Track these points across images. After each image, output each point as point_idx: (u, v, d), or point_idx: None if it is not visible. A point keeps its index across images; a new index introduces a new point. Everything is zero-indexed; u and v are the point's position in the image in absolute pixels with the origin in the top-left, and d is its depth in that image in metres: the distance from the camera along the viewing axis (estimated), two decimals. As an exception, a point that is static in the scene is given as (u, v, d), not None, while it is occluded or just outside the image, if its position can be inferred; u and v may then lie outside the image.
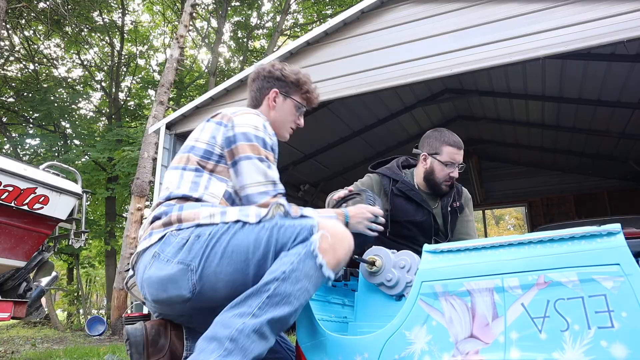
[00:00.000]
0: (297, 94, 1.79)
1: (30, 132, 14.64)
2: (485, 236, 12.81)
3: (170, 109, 11.72)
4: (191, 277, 1.30)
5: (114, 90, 15.80)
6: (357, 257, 1.54)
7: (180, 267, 1.31)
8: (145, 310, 5.51)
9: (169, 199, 1.47)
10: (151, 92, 16.07)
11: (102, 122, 16.23)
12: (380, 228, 1.65)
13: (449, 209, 2.40)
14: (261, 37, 17.82)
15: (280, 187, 1.52)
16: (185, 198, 1.45)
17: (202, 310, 1.38)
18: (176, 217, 1.40)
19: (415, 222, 2.35)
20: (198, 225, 1.36)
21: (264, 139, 1.53)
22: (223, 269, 1.30)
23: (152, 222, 1.44)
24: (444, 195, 2.41)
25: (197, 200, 1.45)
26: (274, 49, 14.66)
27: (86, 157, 13.21)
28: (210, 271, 1.30)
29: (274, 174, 1.52)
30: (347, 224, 1.58)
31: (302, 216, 1.40)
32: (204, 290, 1.31)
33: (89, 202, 13.08)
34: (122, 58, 16.00)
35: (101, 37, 15.68)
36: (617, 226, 1.04)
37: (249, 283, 1.28)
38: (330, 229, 1.32)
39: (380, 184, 2.40)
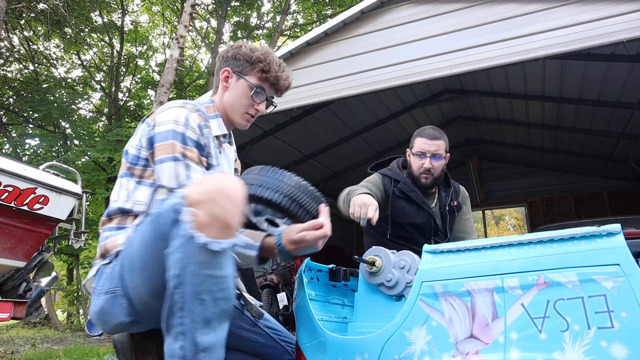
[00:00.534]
0: (252, 74, 1.56)
1: (30, 132, 14.64)
2: (485, 236, 12.81)
3: (170, 109, 11.69)
4: (121, 302, 1.27)
5: (113, 90, 15.81)
6: (357, 257, 1.54)
7: (109, 296, 1.28)
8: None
9: (109, 215, 1.41)
10: (151, 92, 16.07)
11: (102, 123, 16.24)
12: (327, 234, 1.35)
13: (447, 208, 2.40)
14: (261, 38, 17.82)
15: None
16: (121, 211, 1.39)
17: (159, 314, 1.32)
18: (103, 249, 1.37)
19: (415, 224, 2.34)
20: (118, 253, 1.32)
21: (183, 134, 1.37)
22: (137, 282, 1.24)
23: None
24: (426, 189, 2.39)
25: (129, 211, 1.38)
26: (274, 49, 14.67)
27: (86, 157, 13.21)
28: (131, 289, 1.25)
29: (191, 175, 1.34)
30: (287, 255, 1.37)
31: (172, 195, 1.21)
32: (139, 309, 1.27)
33: (88, 203, 13.06)
34: (122, 58, 16.01)
35: (101, 38, 15.69)
36: (617, 226, 1.04)
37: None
38: (199, 193, 1.10)
39: (382, 184, 2.37)
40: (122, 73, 16.22)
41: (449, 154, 2.40)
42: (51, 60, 15.42)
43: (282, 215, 1.40)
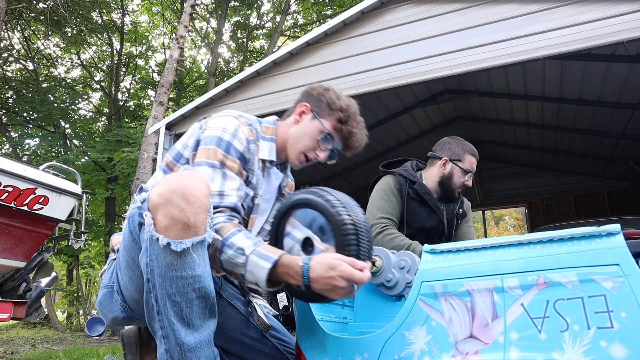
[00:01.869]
0: (329, 119, 1.51)
1: (30, 132, 14.64)
2: (485, 237, 12.81)
3: (170, 109, 11.72)
4: (117, 298, 1.29)
5: (113, 90, 15.81)
6: None
7: (107, 290, 1.32)
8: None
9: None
10: (150, 92, 16.07)
11: (102, 123, 16.24)
12: (361, 281, 1.15)
13: (454, 215, 2.41)
14: (260, 38, 17.82)
15: (228, 201, 1.31)
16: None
17: None
18: (111, 245, 1.42)
19: (424, 228, 2.31)
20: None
21: (229, 142, 1.35)
22: (126, 280, 1.26)
23: None
24: (451, 202, 2.40)
25: None
26: (274, 50, 14.67)
27: (86, 157, 13.21)
28: (123, 286, 1.27)
29: (226, 183, 1.31)
30: (306, 286, 1.17)
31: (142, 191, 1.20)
32: (132, 306, 1.28)
33: (88, 203, 13.07)
34: (122, 58, 16.01)
35: (100, 37, 15.69)
36: (616, 227, 1.04)
37: None
38: (156, 196, 1.09)
39: (398, 184, 2.32)
40: (122, 73, 16.22)
41: None
42: (51, 60, 15.42)
43: (329, 240, 1.30)
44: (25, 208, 3.39)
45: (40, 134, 14.07)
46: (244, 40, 17.19)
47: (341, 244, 1.24)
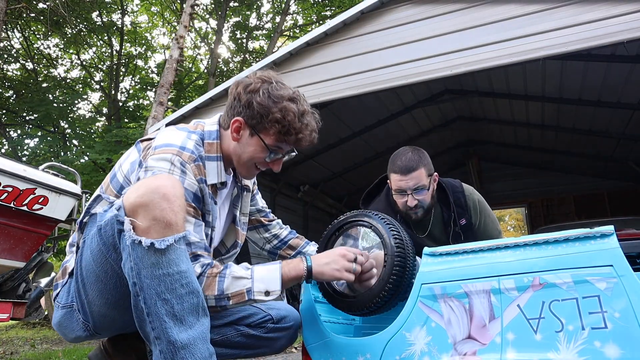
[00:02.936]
0: (269, 135, 1.34)
1: (29, 132, 14.66)
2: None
3: (169, 109, 11.74)
4: (78, 317, 1.29)
5: (113, 91, 15.83)
6: None
7: (65, 310, 1.30)
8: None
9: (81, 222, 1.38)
10: (150, 93, 16.09)
11: (101, 123, 16.26)
12: (358, 269, 1.31)
13: (457, 227, 2.16)
14: (260, 38, 17.84)
15: (202, 244, 1.28)
16: None
17: (120, 322, 1.32)
18: (62, 270, 1.39)
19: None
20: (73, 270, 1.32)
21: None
22: (93, 295, 1.24)
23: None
24: (444, 215, 2.16)
25: None
26: (274, 50, 14.68)
27: (85, 157, 13.22)
28: (87, 303, 1.26)
29: (193, 230, 1.26)
30: (310, 271, 1.28)
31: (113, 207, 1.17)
32: (98, 321, 1.28)
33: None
34: (122, 58, 16.03)
35: (100, 38, 15.71)
36: (610, 228, 1.06)
37: (124, 293, 1.17)
38: (134, 199, 1.09)
39: None
40: (121, 73, 16.25)
41: (435, 174, 2.12)
42: (50, 60, 15.44)
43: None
44: (24, 208, 3.39)
45: (39, 134, 14.08)
46: (244, 40, 17.21)
47: (390, 264, 1.32)
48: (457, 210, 2.16)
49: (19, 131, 14.81)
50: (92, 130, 15.02)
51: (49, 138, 13.65)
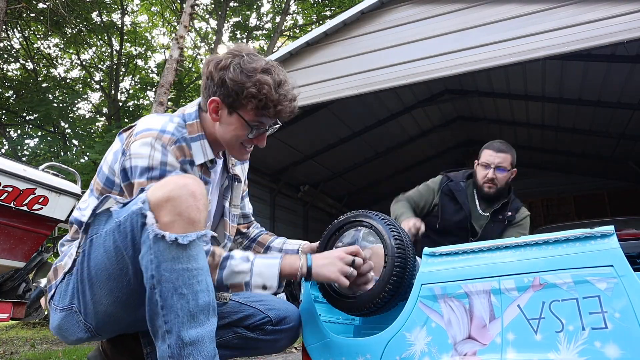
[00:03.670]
0: (247, 111, 1.32)
1: (30, 132, 14.66)
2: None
3: (169, 109, 11.72)
4: (78, 319, 1.27)
5: (113, 91, 15.83)
6: None
7: (65, 313, 1.28)
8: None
9: (72, 223, 1.39)
10: (150, 93, 16.10)
11: (101, 123, 16.26)
12: (354, 273, 1.31)
13: (500, 217, 2.53)
14: (260, 38, 17.84)
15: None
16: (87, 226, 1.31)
17: (125, 322, 1.30)
18: (54, 271, 1.36)
19: (451, 221, 2.50)
20: (71, 269, 1.29)
21: (163, 170, 1.27)
22: (100, 295, 1.22)
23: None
24: (490, 200, 2.52)
25: None
26: (274, 50, 14.68)
27: (85, 157, 13.22)
28: (92, 303, 1.24)
29: None
30: (309, 271, 1.30)
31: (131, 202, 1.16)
32: (100, 323, 1.26)
33: (88, 203, 13.02)
34: (121, 58, 16.03)
35: (100, 38, 15.71)
36: (610, 228, 1.05)
37: (135, 292, 1.17)
38: (162, 194, 1.10)
39: (440, 183, 2.61)
40: (121, 73, 16.25)
41: (515, 169, 2.52)
42: (50, 60, 15.44)
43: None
44: (24, 208, 3.39)
45: (39, 134, 14.08)
46: (244, 40, 17.21)
47: (391, 264, 1.31)
48: (510, 207, 2.58)
49: (19, 131, 14.80)
50: (92, 130, 15.02)
51: (49, 138, 13.64)
